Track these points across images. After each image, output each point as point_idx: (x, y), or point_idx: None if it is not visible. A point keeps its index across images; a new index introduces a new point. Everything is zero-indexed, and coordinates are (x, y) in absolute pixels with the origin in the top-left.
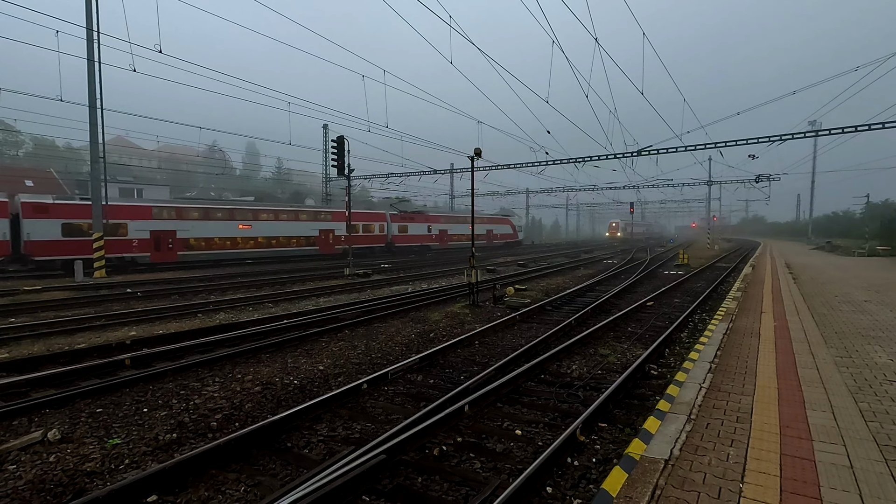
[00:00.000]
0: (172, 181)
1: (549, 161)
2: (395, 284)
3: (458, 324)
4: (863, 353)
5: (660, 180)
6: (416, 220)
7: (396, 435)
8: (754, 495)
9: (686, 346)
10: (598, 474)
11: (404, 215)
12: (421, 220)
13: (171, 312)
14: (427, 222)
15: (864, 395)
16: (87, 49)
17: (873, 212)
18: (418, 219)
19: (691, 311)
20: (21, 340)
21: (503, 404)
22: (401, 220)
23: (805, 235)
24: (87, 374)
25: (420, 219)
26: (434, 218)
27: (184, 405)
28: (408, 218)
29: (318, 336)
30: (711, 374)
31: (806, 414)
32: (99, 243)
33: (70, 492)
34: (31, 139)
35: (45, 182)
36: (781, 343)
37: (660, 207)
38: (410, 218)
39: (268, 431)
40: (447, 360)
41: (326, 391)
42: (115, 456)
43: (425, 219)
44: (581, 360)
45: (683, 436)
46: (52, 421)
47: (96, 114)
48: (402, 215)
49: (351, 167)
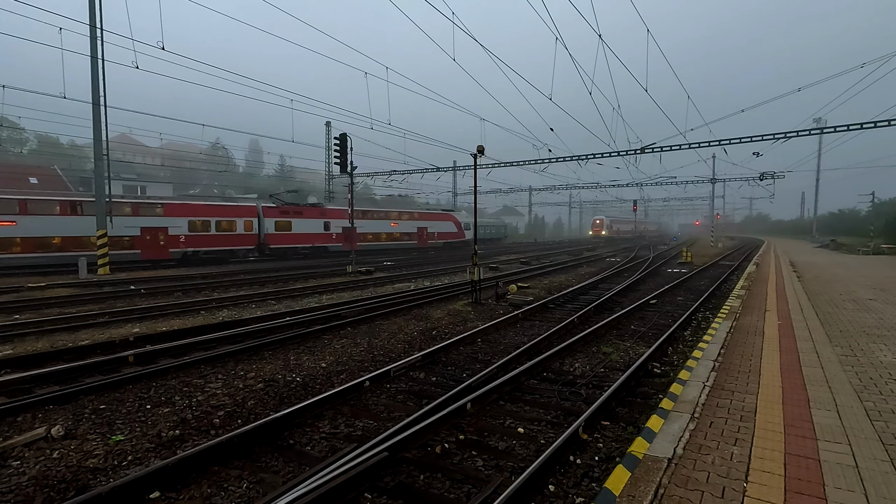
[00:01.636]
0: (176, 178)
1: (552, 158)
2: (398, 282)
3: (460, 321)
4: (868, 351)
5: (663, 178)
6: (307, 214)
7: (399, 432)
8: (758, 495)
9: (689, 344)
10: (601, 473)
11: (286, 209)
12: (312, 216)
13: (174, 309)
14: (323, 217)
15: (870, 394)
16: (91, 46)
17: (879, 210)
18: (309, 213)
19: (694, 309)
20: (25, 337)
21: (505, 402)
22: (280, 214)
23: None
24: (90, 370)
25: (311, 213)
26: (337, 213)
27: (187, 402)
28: (292, 212)
29: (320, 333)
30: (715, 373)
31: (810, 413)
32: (102, 240)
33: (73, 488)
34: (35, 136)
35: (49, 179)
36: (786, 341)
37: (663, 205)
38: (297, 212)
39: (270, 428)
40: (449, 357)
41: (329, 388)
42: (119, 452)
43: (320, 213)
44: (584, 358)
45: (687, 434)
46: (55, 417)
47: (100, 111)
48: (284, 209)
49: (354, 164)
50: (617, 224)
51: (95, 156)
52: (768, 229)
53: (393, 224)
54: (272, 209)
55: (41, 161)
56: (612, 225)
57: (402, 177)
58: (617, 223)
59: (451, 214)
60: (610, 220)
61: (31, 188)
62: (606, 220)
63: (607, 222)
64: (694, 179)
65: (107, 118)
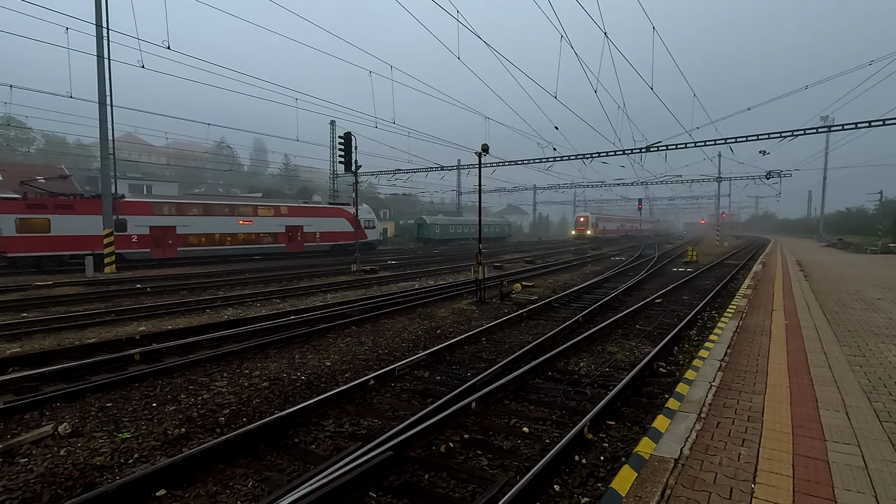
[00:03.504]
0: (181, 178)
1: (556, 157)
2: (402, 281)
3: (464, 320)
4: (877, 351)
5: (669, 176)
6: (80, 209)
7: (403, 431)
8: (766, 496)
9: (695, 343)
10: (607, 473)
11: (41, 201)
12: (88, 211)
13: (179, 308)
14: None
15: (879, 394)
16: (97, 46)
17: (887, 208)
18: (84, 207)
19: (700, 309)
20: (33, 335)
21: (510, 401)
22: (29, 209)
23: (816, 232)
24: (97, 368)
25: (86, 208)
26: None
27: (192, 400)
28: (53, 206)
29: (325, 332)
30: (722, 373)
31: (819, 413)
32: (109, 239)
33: (80, 485)
34: (42, 136)
35: (56, 179)
36: (793, 341)
37: (668, 204)
38: (62, 206)
39: (275, 427)
40: (454, 356)
41: (333, 387)
42: (125, 450)
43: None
44: (589, 358)
45: (693, 435)
46: (62, 415)
47: (106, 110)
48: (35, 201)
49: (358, 163)
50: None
51: (102, 155)
52: (775, 228)
53: (242, 222)
54: (13, 202)
55: (48, 160)
56: (599, 223)
57: (406, 176)
58: (604, 221)
59: (343, 209)
60: (596, 217)
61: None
62: (592, 218)
63: (593, 220)
64: (699, 178)
65: (113, 117)
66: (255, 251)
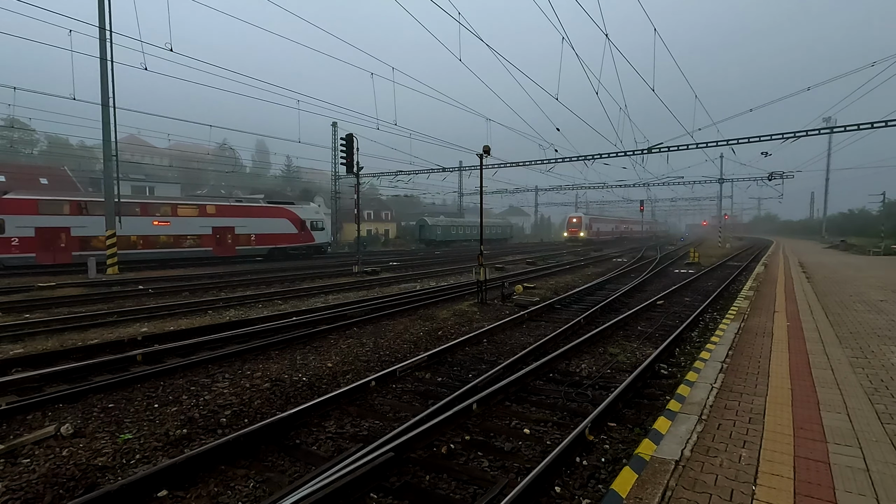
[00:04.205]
0: (184, 179)
1: (558, 158)
2: (404, 282)
3: (466, 322)
4: (879, 353)
5: (670, 178)
6: None
7: (404, 433)
8: (767, 498)
9: (697, 345)
10: (608, 474)
11: None
12: None
13: (181, 309)
14: None
15: (881, 396)
16: (100, 48)
17: (890, 210)
18: None
19: (702, 310)
20: (35, 336)
21: (511, 403)
22: None
23: (819, 234)
24: (99, 369)
25: None
26: (16, 205)
27: (194, 401)
28: None
29: (326, 333)
30: (723, 374)
31: (820, 415)
32: (112, 240)
33: (82, 486)
34: (45, 137)
35: (60, 180)
36: (795, 343)
37: (670, 205)
38: None
39: (277, 428)
40: (455, 358)
41: (335, 388)
42: (127, 451)
43: None
44: (590, 359)
45: (694, 436)
46: (65, 416)
47: (109, 112)
48: None
49: (360, 165)
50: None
51: (105, 157)
52: (777, 229)
53: (158, 223)
54: None
55: (51, 162)
56: (593, 225)
57: (407, 177)
58: (598, 222)
59: (285, 208)
60: (589, 218)
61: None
62: (585, 219)
63: (586, 221)
64: (701, 179)
65: (116, 119)
66: (175, 256)
